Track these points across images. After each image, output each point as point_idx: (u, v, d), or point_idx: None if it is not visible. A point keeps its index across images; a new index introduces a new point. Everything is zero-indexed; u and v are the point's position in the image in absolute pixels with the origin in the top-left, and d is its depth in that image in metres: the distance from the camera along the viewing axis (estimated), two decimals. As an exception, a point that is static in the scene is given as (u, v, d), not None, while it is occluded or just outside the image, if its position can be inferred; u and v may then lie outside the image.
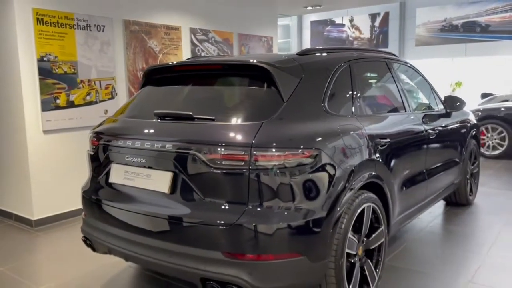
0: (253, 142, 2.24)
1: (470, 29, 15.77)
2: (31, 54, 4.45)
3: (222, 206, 2.30)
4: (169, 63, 3.04)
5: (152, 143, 2.50)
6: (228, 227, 2.24)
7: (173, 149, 2.42)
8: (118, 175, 2.70)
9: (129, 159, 2.63)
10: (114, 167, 2.73)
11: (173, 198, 2.44)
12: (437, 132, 3.85)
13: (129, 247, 2.59)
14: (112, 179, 2.74)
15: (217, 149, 2.29)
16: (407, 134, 3.42)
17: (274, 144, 2.27)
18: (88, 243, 2.91)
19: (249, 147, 2.23)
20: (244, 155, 2.23)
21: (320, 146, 2.41)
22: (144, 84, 3.14)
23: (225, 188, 2.30)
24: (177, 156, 2.40)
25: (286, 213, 2.28)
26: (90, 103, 4.97)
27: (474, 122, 4.95)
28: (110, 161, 2.76)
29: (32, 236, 4.37)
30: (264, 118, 2.37)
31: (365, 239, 2.78)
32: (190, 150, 2.35)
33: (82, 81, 4.88)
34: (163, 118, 2.63)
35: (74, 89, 4.80)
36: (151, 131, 2.61)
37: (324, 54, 3.08)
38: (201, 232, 2.32)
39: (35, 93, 4.49)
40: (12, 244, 4.17)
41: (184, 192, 2.41)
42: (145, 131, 2.64)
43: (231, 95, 2.76)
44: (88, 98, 4.95)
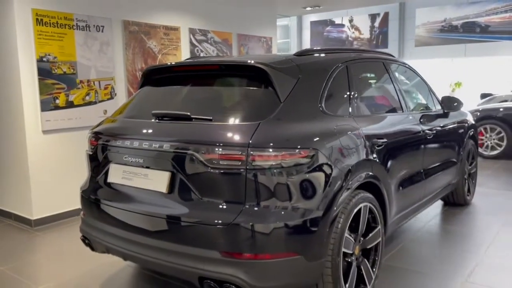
0: (250, 142, 2.26)
1: (470, 30, 15.78)
2: (31, 55, 4.47)
3: (220, 206, 2.32)
4: (168, 64, 3.06)
5: (150, 143, 2.52)
6: (225, 227, 2.26)
7: (171, 149, 2.43)
8: (117, 175, 2.72)
9: (127, 159, 2.64)
10: (113, 167, 2.75)
11: (171, 198, 2.45)
12: (434, 133, 3.86)
13: (127, 246, 2.61)
14: (111, 179, 2.76)
15: (215, 149, 2.30)
16: (404, 134, 3.43)
17: (271, 144, 2.29)
18: (87, 242, 2.93)
19: (246, 147, 2.25)
20: (241, 155, 2.25)
21: (317, 146, 2.43)
22: (143, 85, 3.15)
23: (223, 188, 2.32)
24: (175, 156, 2.42)
25: (283, 213, 2.30)
26: (90, 103, 4.99)
27: (472, 123, 4.97)
28: (109, 161, 2.78)
29: (32, 236, 4.39)
30: (261, 118, 2.38)
31: (362, 239, 2.79)
32: (188, 150, 2.37)
33: (82, 82, 4.90)
34: (161, 118, 2.64)
35: (74, 89, 4.82)
36: (149, 131, 2.63)
37: (322, 55, 3.09)
38: (199, 232, 2.33)
39: (35, 93, 4.51)
40: (12, 244, 4.19)
41: (182, 192, 2.42)
42: (143, 131, 2.65)
43: (229, 96, 2.78)
44: (87, 98, 4.96)
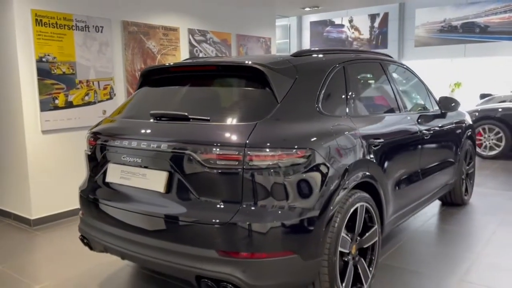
0: (247, 142, 2.27)
1: (469, 30, 15.81)
2: (30, 55, 4.49)
3: (217, 205, 2.33)
4: (166, 64, 3.08)
5: (148, 143, 2.54)
6: (222, 226, 2.27)
7: (169, 149, 2.45)
8: (115, 175, 2.73)
9: (126, 159, 2.66)
10: (111, 167, 2.77)
11: (169, 197, 2.47)
12: (432, 133, 3.87)
13: (125, 246, 2.63)
14: (109, 179, 2.78)
15: (212, 149, 2.32)
16: (401, 135, 3.45)
17: (268, 144, 2.31)
18: (85, 242, 2.95)
19: (243, 147, 2.27)
20: (238, 155, 2.26)
21: (314, 146, 2.45)
22: (141, 85, 3.17)
23: (220, 188, 2.34)
24: (173, 156, 2.44)
25: (280, 212, 2.31)
26: (89, 104, 5.00)
27: (470, 123, 4.98)
28: (107, 161, 2.80)
29: (31, 235, 4.41)
30: (258, 119, 2.40)
31: (359, 238, 2.81)
32: (185, 150, 2.39)
33: (81, 82, 4.91)
34: (159, 119, 2.66)
35: (73, 90, 4.83)
36: (147, 131, 2.65)
37: (319, 56, 3.11)
38: (196, 231, 2.35)
39: (34, 94, 4.53)
40: (11, 243, 4.20)
41: (179, 192, 2.44)
42: (141, 131, 2.67)
43: (226, 96, 2.79)
44: (87, 99, 4.98)
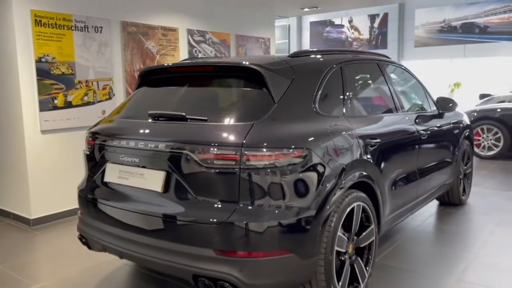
0: (244, 142, 2.29)
1: (469, 30, 15.82)
2: (29, 55, 4.51)
3: (214, 205, 2.35)
4: (164, 65, 3.10)
5: (146, 143, 2.56)
6: (220, 225, 2.29)
7: (166, 149, 2.47)
8: (113, 174, 2.75)
9: (124, 159, 2.68)
10: (109, 167, 2.78)
11: (166, 197, 2.49)
12: (429, 133, 3.89)
13: (123, 245, 2.64)
14: (107, 178, 2.79)
15: (209, 149, 2.34)
16: (398, 135, 3.46)
17: (265, 144, 2.32)
18: (84, 241, 2.96)
19: (240, 147, 2.28)
20: (235, 155, 2.28)
21: (310, 146, 2.46)
22: (140, 85, 3.19)
23: (217, 187, 2.35)
24: (170, 156, 2.45)
25: (277, 212, 2.33)
26: (88, 104, 5.02)
27: (467, 123, 5.00)
28: (106, 161, 2.82)
29: (30, 235, 4.43)
30: (255, 119, 2.42)
31: (355, 238, 2.83)
32: (183, 150, 2.40)
33: (80, 82, 4.93)
34: (157, 119, 2.68)
35: (72, 90, 4.85)
36: (145, 131, 2.66)
37: (316, 56, 3.12)
38: (193, 230, 2.37)
39: (33, 94, 4.55)
40: (10, 243, 4.22)
41: (177, 191, 2.46)
42: (139, 131, 2.69)
43: (224, 96, 2.81)
44: (86, 99, 5.00)
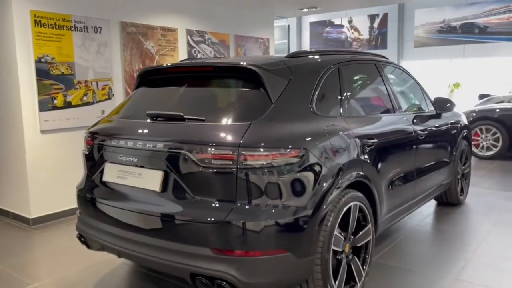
0: (241, 142, 2.31)
1: (468, 31, 15.84)
2: (29, 56, 4.53)
3: (211, 204, 2.37)
4: (163, 65, 3.11)
5: (144, 143, 2.57)
6: (217, 224, 2.31)
7: (164, 149, 2.48)
8: (112, 174, 2.77)
9: (122, 158, 2.70)
10: (108, 166, 2.80)
11: (164, 196, 2.51)
12: (426, 133, 3.91)
13: (121, 244, 2.66)
14: (106, 178, 2.81)
15: (207, 149, 2.35)
16: (395, 135, 3.48)
17: (262, 144, 2.34)
18: (83, 240, 2.98)
19: (237, 147, 2.30)
20: (233, 155, 2.30)
21: (307, 146, 2.48)
22: (138, 85, 3.21)
23: (214, 187, 2.37)
24: (168, 156, 2.47)
25: (274, 211, 2.35)
26: (87, 104, 5.04)
27: (465, 123, 5.01)
28: (104, 160, 2.83)
29: (29, 234, 4.45)
30: (253, 119, 2.44)
31: (352, 237, 2.84)
32: (181, 150, 2.42)
33: (79, 82, 4.95)
34: (155, 119, 2.69)
35: (71, 90, 4.87)
36: (143, 131, 2.68)
37: (313, 57, 3.14)
38: (191, 229, 2.39)
39: (33, 94, 4.57)
40: (10, 242, 4.24)
41: (175, 191, 2.48)
42: (138, 131, 2.71)
43: (221, 96, 2.83)
44: (85, 99, 5.02)
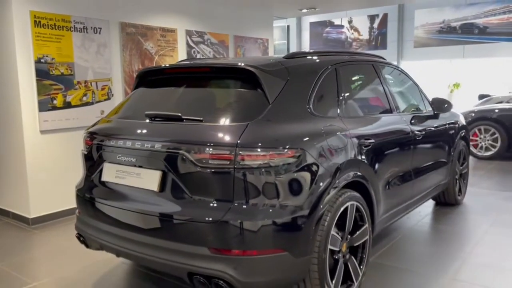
0: (239, 142, 2.33)
1: (468, 31, 15.86)
2: (29, 56, 4.54)
3: (209, 204, 2.39)
4: (161, 66, 3.13)
5: (143, 143, 2.59)
6: (214, 224, 2.33)
7: (162, 149, 2.50)
8: (110, 174, 2.79)
9: (121, 158, 2.72)
10: (107, 166, 2.82)
11: (162, 196, 2.53)
12: (424, 133, 3.92)
13: (120, 243, 2.68)
14: (105, 178, 2.83)
15: (204, 149, 2.37)
16: (393, 135, 3.49)
17: (259, 144, 2.36)
18: (82, 240, 3.00)
19: (235, 147, 2.32)
20: (230, 155, 2.32)
21: (304, 146, 2.50)
22: (137, 86, 3.23)
23: (212, 187, 2.39)
24: (166, 156, 2.49)
25: (271, 210, 2.37)
26: (87, 104, 5.06)
27: (463, 124, 5.03)
28: (103, 160, 2.85)
29: (29, 234, 4.47)
30: (250, 119, 2.46)
31: (349, 236, 2.86)
32: (179, 150, 2.44)
33: (79, 82, 4.97)
34: (154, 119, 2.72)
35: (71, 90, 4.89)
36: (142, 132, 2.70)
37: (311, 58, 3.16)
38: (188, 229, 2.41)
39: (33, 94, 4.59)
40: (9, 242, 4.26)
41: (173, 191, 2.49)
42: (136, 131, 2.72)
43: (219, 97, 2.85)
44: (85, 99, 5.04)
